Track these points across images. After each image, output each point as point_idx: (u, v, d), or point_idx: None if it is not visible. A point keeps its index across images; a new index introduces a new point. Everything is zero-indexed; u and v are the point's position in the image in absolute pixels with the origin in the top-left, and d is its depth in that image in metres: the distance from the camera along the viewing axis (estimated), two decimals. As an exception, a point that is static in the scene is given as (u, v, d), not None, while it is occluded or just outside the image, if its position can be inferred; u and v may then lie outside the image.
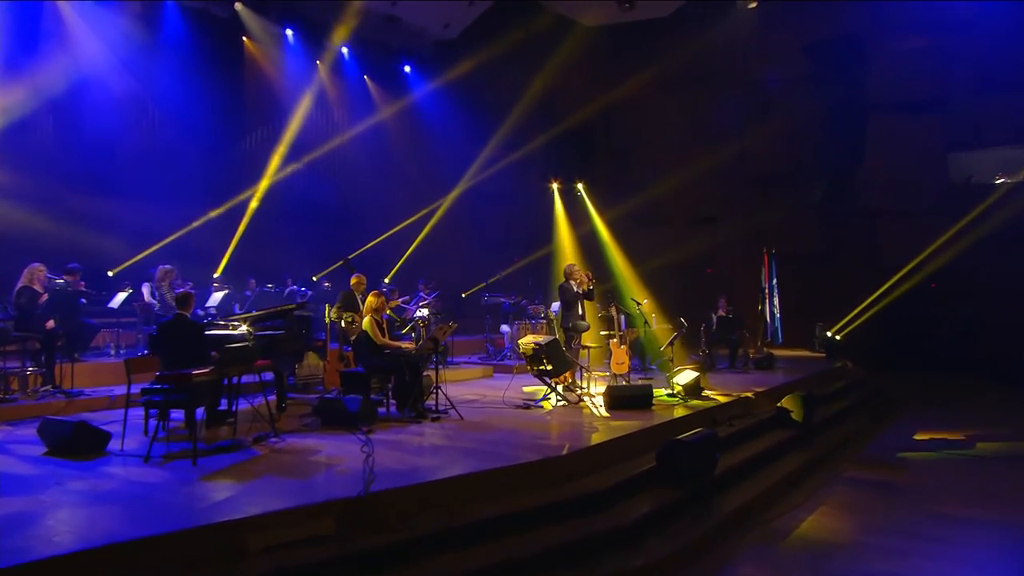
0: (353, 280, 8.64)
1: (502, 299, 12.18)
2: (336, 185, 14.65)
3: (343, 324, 8.22)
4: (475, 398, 8.20)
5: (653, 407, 7.54)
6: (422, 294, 11.67)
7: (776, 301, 13.89)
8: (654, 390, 7.93)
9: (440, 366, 7.31)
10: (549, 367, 7.68)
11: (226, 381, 6.07)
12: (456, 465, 5.06)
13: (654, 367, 11.34)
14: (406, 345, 7.32)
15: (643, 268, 15.30)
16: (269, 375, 7.16)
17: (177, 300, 6.29)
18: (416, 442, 5.84)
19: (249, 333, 6.25)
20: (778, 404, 8.30)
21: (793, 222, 15.63)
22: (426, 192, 15.06)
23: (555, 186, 16.53)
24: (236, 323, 6.69)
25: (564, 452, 5.54)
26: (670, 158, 16.37)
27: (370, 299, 7.36)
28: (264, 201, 12.70)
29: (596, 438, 6.12)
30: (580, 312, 8.71)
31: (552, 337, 7.99)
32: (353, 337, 8.08)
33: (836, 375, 11.87)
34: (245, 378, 6.12)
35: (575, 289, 8.65)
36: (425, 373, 7.27)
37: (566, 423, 6.73)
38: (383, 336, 7.19)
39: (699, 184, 16.21)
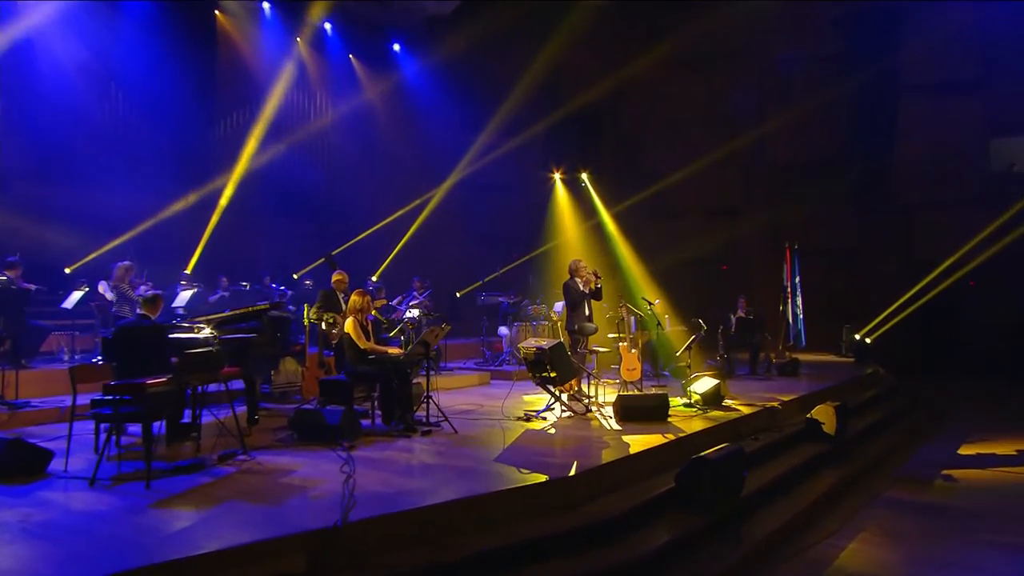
0: (335, 277, 8.41)
1: (500, 298, 12.00)
2: (319, 175, 14.39)
3: (323, 326, 7.98)
4: (471, 408, 8.00)
5: (669, 418, 7.37)
6: (415, 292, 11.42)
7: (799, 301, 13.65)
8: (669, 399, 7.75)
9: (432, 373, 7.11)
10: (553, 374, 7.37)
11: (190, 391, 5.70)
12: (449, 488, 4.83)
13: (667, 373, 11.15)
14: (393, 350, 7.08)
15: (654, 265, 15.20)
16: (241, 383, 6.91)
17: (144, 302, 5.93)
18: (404, 460, 5.64)
19: (213, 337, 5.87)
20: (807, 415, 8.07)
21: (818, 215, 15.53)
22: (417, 182, 14.81)
23: (558, 176, 16.42)
24: (201, 325, 6.30)
25: (572, 472, 5.25)
26: (684, 145, 16.30)
27: (353, 298, 7.09)
28: (239, 191, 12.40)
29: (607, 455, 5.85)
30: (587, 313, 8.51)
31: (556, 340, 7.72)
32: (335, 341, 7.93)
33: (868, 382, 11.66)
34: (213, 387, 5.86)
35: (581, 288, 8.46)
36: (415, 381, 7.09)
37: (573, 438, 6.52)
38: (368, 340, 6.96)
39: (715, 173, 16.17)
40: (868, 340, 13.75)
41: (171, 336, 5.92)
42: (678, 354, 9.33)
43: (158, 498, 4.62)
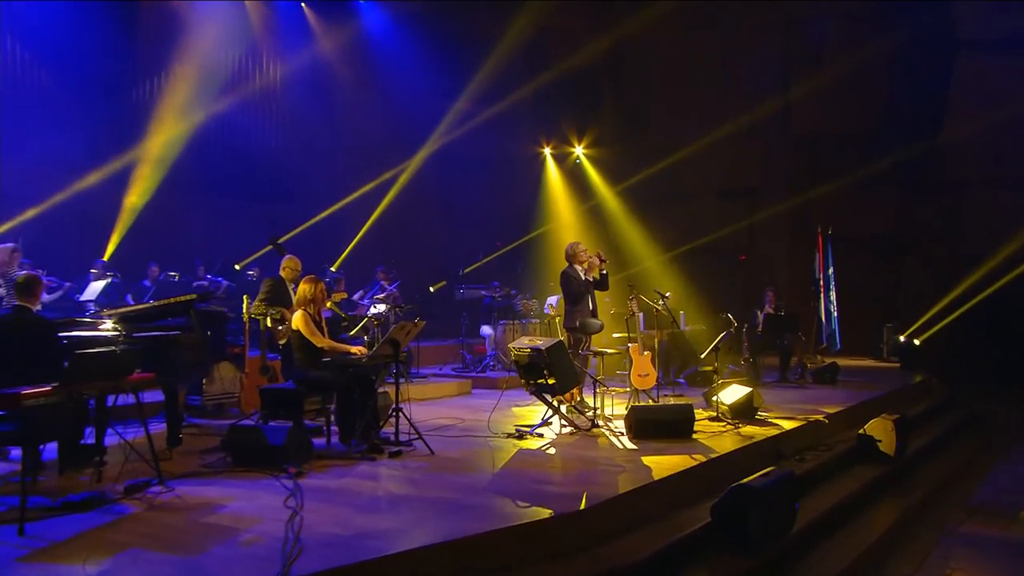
0: (284, 264, 8.04)
1: (483, 292, 11.88)
2: (265, 144, 13.89)
3: (268, 323, 7.62)
4: (449, 423, 7.74)
5: (694, 435, 7.10)
6: (380, 284, 11.20)
7: (833, 296, 13.27)
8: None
9: (402, 380, 6.81)
10: (551, 380, 7.06)
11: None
12: (425, 528, 4.40)
13: (682, 381, 10.83)
14: (355, 350, 6.66)
15: (664, 254, 15.16)
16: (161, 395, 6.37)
17: (17, 287, 5.30)
18: (367, 490, 5.25)
19: (119, 334, 5.21)
20: (860, 431, 7.79)
21: (853, 196, 15.34)
22: (384, 155, 14.46)
23: (548, 151, 16.35)
24: (104, 319, 5.65)
25: (582, 505, 4.85)
26: (695, 115, 16.15)
27: (303, 287, 6.67)
28: (168, 161, 11.75)
29: (624, 483, 5.47)
30: (590, 307, 8.24)
31: (555, 339, 7.31)
32: (282, 341, 7.61)
33: (919, 392, 11.43)
34: (124, 399, 5.35)
35: (582, 276, 8.21)
36: (381, 390, 6.94)
37: (578, 460, 6.23)
38: (323, 338, 6.54)
39: (733, 148, 16.01)
40: (917, 342, 13.61)
41: (63, 334, 5.21)
42: (703, 356, 8.96)
43: (34, 547, 3.99)
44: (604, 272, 8.30)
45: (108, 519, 4.51)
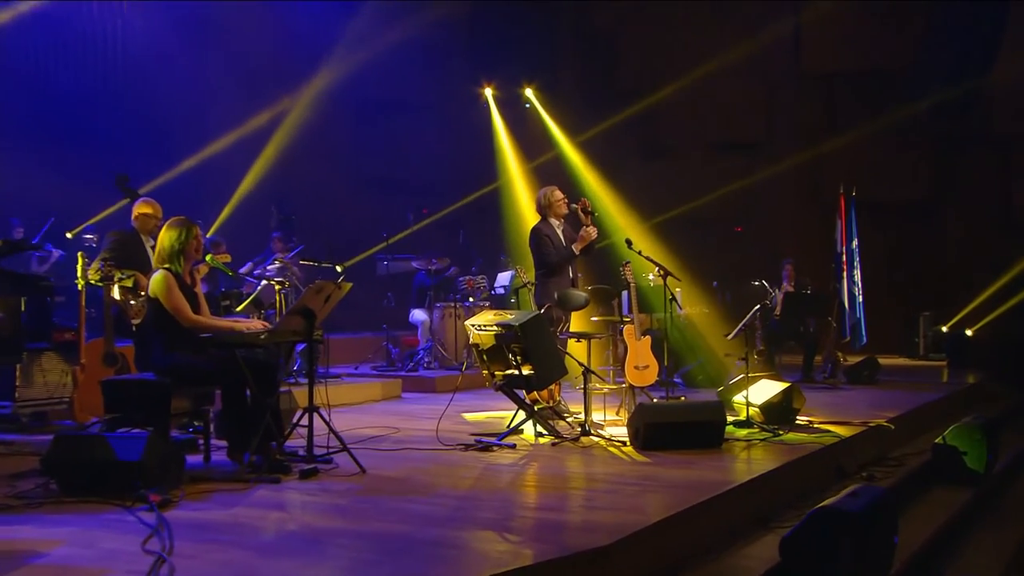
0: (138, 210, 7.55)
1: (414, 265, 11.72)
2: (102, 69, 12.99)
3: (116, 293, 7.15)
4: (380, 434, 7.37)
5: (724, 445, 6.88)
6: (276, 255, 10.90)
7: (858, 276, 12.99)
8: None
9: (316, 373, 6.40)
10: (526, 370, 6.79)
11: None
12: None
13: (678, 380, 10.69)
14: (249, 324, 6.15)
15: (639, 224, 14.95)
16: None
17: None
18: (273, 524, 4.83)
19: None
20: (937, 441, 7.53)
21: (878, 153, 15.33)
22: (274, 86, 13.86)
23: (489, 92, 16.12)
24: None
25: (606, 541, 4.25)
26: (680, 49, 15.99)
27: (166, 233, 6.07)
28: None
29: (650, 508, 5.05)
30: (570, 276, 8.14)
31: (532, 313, 6.96)
32: (136, 320, 7.24)
33: (974, 396, 11.31)
34: None
35: (560, 235, 8.09)
36: (285, 388, 6.70)
37: (573, 477, 6.02)
38: (192, 314, 5.99)
39: (727, 90, 15.92)
40: (969, 332, 13.79)
41: None
42: (729, 336, 8.63)
43: None
44: (591, 227, 8.00)
45: None
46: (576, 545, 4.19)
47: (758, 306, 8.22)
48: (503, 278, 11.80)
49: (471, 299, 11.30)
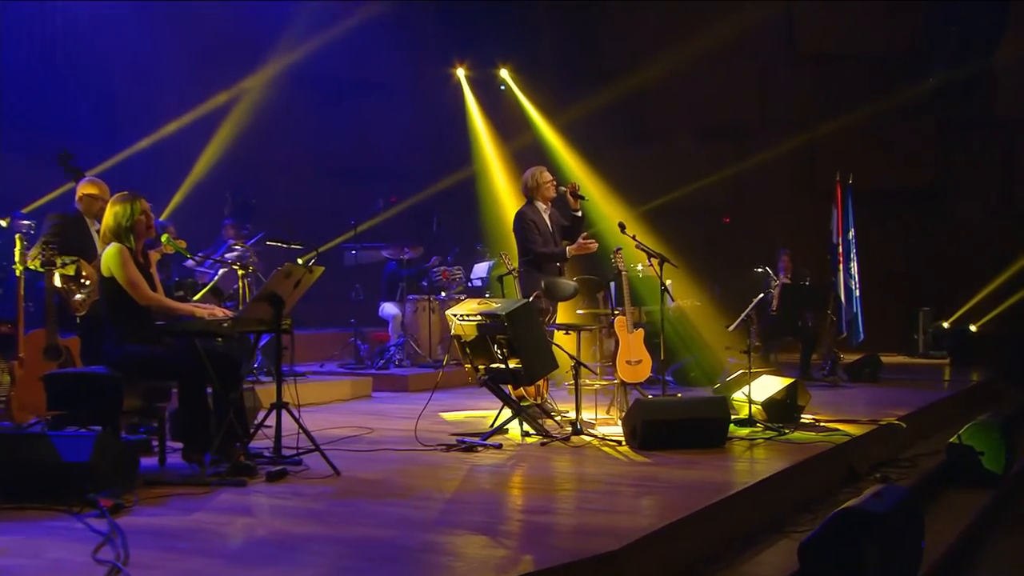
0: (82, 191, 7.46)
1: (384, 255, 11.70)
2: (52, 40, 12.71)
3: (57, 281, 7.05)
4: (353, 434, 7.34)
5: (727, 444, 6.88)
6: (230, 243, 10.86)
7: (855, 268, 12.94)
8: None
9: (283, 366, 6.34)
10: (514, 363, 6.72)
11: None
12: None
13: (669, 377, 10.51)
14: (211, 312, 5.99)
15: (622, 213, 14.37)
16: None
17: None
18: (241, 530, 4.70)
19: None
20: (952, 440, 7.49)
21: (878, 138, 15.31)
22: (225, 62, 13.72)
23: (462, 72, 16.11)
24: None
25: (613, 546, 4.14)
26: (666, 26, 15.89)
27: (113, 208, 5.92)
28: None
29: (656, 511, 4.99)
30: (557, 264, 8.16)
31: (520, 301, 6.91)
32: (81, 312, 7.17)
33: (981, 395, 11.29)
34: None
35: (547, 220, 8.04)
36: (248, 386, 6.65)
37: (568, 479, 6.00)
38: (151, 291, 5.85)
39: (716, 71, 15.90)
40: (973, 328, 13.79)
41: None
42: (731, 328, 8.66)
43: None
44: (579, 214, 8.05)
45: None
46: (580, 550, 4.07)
47: (761, 295, 8.26)
48: (480, 269, 11.69)
49: (443, 292, 11.28)
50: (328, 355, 11.63)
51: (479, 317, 6.64)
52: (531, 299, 7.47)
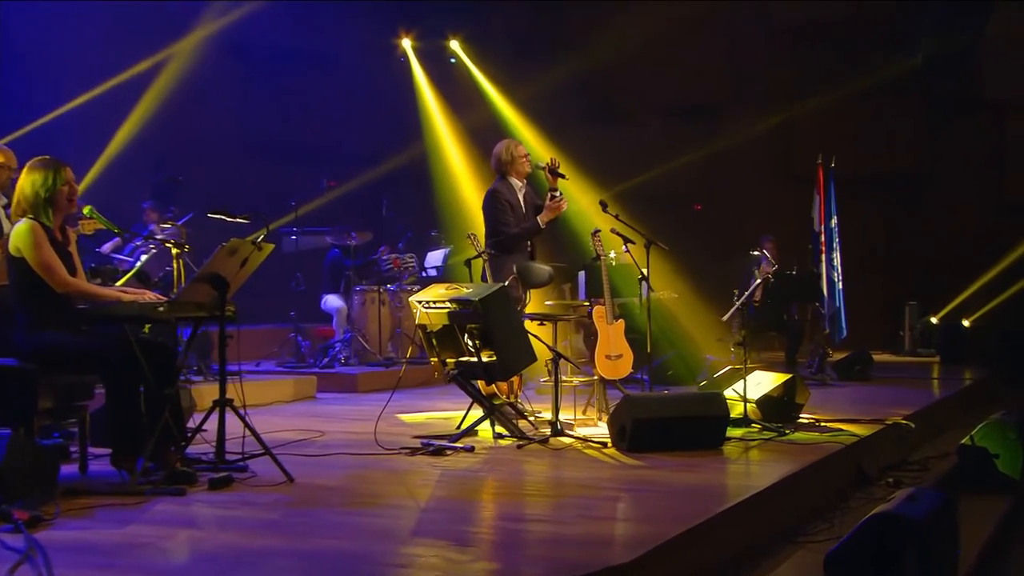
0: None
1: (329, 240, 11.57)
2: None
3: None
4: (301, 438, 7.27)
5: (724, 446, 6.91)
6: (152, 228, 10.60)
7: (838, 259, 12.93)
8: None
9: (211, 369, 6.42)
10: (488, 356, 6.66)
11: None
12: None
13: (643, 375, 10.39)
14: (143, 295, 5.81)
15: (585, 197, 14.00)
16: None
17: None
18: (184, 544, 4.56)
19: None
20: (963, 442, 7.40)
21: (859, 120, 15.46)
22: (147, 27, 13.51)
23: (408, 43, 15.97)
24: None
25: (626, 557, 4.02)
26: None
27: (28, 176, 5.67)
28: None
29: (671, 518, 4.80)
30: (528, 248, 8.13)
31: (495, 285, 6.84)
32: None
33: (978, 395, 11.35)
34: None
35: (521, 199, 7.95)
36: (181, 383, 6.52)
37: (557, 484, 5.93)
38: (68, 276, 5.63)
39: (685, 47, 15.88)
40: (966, 323, 13.93)
41: None
42: (726, 318, 8.68)
43: None
44: (558, 194, 7.86)
45: None
46: (590, 563, 3.89)
47: (759, 280, 8.21)
48: (435, 257, 11.58)
49: (397, 283, 11.18)
50: (265, 353, 11.44)
51: (448, 304, 6.54)
52: (508, 283, 7.39)
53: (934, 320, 14.11)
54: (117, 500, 5.10)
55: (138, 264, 8.60)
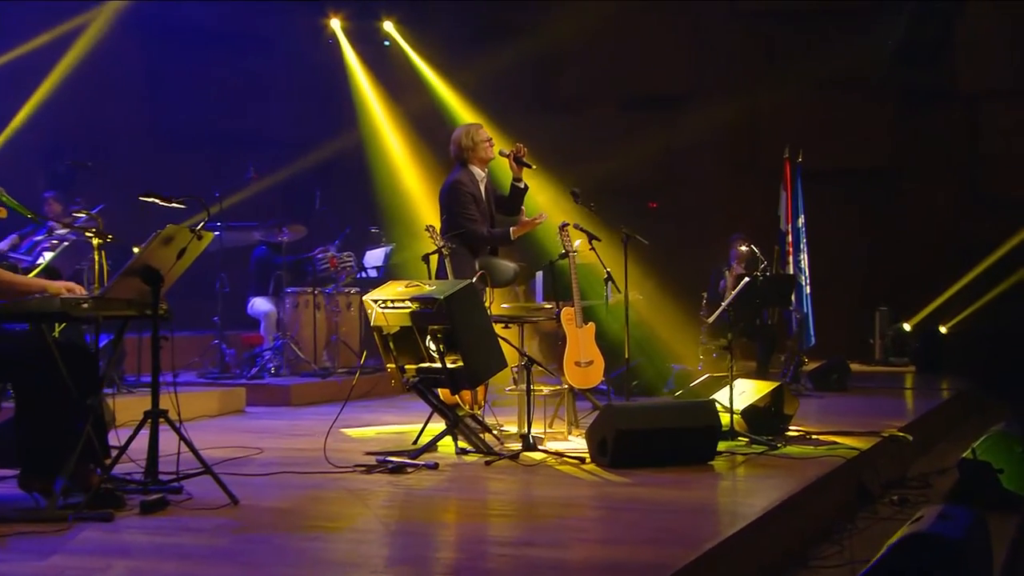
0: None
1: (255, 236, 11.46)
2: None
3: None
4: (239, 455, 7.12)
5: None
6: (52, 224, 10.13)
7: (805, 260, 12.98)
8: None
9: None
10: (453, 361, 6.58)
11: None
12: None
13: (602, 386, 10.20)
14: (68, 288, 5.52)
15: (549, 186, 14.18)
16: None
17: None
18: None
19: None
20: (964, 456, 7.35)
21: (827, 111, 15.48)
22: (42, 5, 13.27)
23: (337, 24, 15.89)
24: None
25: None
26: None
27: None
28: None
29: (669, 537, 4.82)
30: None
31: (463, 282, 6.70)
32: None
33: (959, 406, 11.38)
34: None
35: (482, 190, 7.96)
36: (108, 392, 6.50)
37: (537, 503, 5.82)
38: None
39: (644, 32, 15.85)
40: (943, 329, 14.03)
41: None
42: (710, 319, 9.02)
43: None
44: (522, 184, 7.95)
45: None
46: None
47: (747, 278, 8.10)
48: (375, 256, 11.43)
49: (334, 285, 11.12)
50: (184, 362, 10.93)
51: (409, 303, 6.41)
52: (474, 280, 7.24)
53: (907, 327, 14.18)
54: (33, 527, 4.88)
55: (43, 261, 8.37)
